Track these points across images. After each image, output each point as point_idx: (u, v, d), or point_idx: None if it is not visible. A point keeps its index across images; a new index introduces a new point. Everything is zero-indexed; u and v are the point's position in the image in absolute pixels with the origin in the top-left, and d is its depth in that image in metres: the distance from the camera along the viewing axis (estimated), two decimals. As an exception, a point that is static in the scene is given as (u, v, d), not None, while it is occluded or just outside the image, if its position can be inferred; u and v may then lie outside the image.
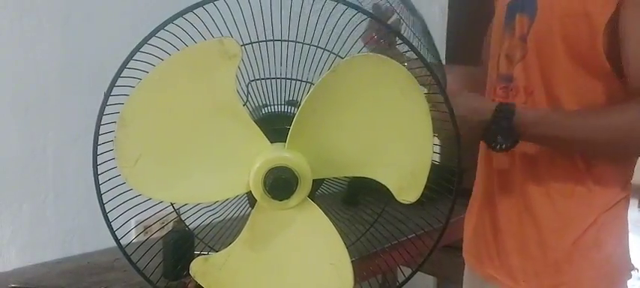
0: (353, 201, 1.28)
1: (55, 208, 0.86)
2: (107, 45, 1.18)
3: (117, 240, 0.78)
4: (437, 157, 0.70)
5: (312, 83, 0.78)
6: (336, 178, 0.79)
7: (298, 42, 0.76)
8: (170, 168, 0.69)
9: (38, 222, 1.02)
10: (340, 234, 0.76)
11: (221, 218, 0.80)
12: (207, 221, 0.82)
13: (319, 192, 0.79)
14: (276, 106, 0.79)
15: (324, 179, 0.76)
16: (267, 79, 0.77)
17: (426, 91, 0.71)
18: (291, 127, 0.66)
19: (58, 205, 1.03)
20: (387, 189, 0.70)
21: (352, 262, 0.76)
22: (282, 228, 0.74)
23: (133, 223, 0.83)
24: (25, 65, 1.02)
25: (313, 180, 0.70)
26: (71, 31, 1.08)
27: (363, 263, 0.85)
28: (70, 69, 1.17)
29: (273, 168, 0.66)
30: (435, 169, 0.68)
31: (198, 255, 0.78)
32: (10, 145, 0.99)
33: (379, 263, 0.90)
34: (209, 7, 0.72)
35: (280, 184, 0.66)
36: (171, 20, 0.71)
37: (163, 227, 0.82)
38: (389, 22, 0.92)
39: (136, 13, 1.25)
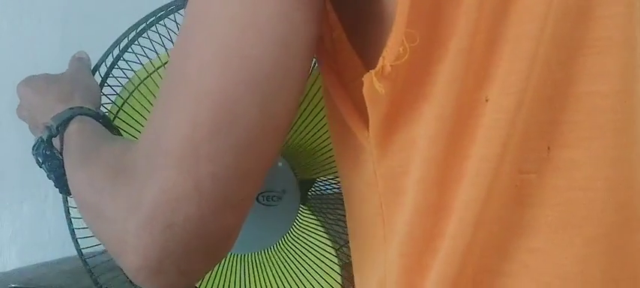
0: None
1: (55, 208, 0.86)
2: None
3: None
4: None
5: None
6: (336, 177, 0.79)
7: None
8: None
9: (38, 222, 1.03)
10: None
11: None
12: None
13: (318, 192, 0.79)
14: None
15: (315, 180, 0.76)
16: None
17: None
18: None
19: (58, 205, 1.03)
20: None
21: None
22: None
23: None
24: (25, 65, 1.02)
25: (302, 181, 0.70)
26: (71, 31, 1.08)
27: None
28: (70, 69, 1.17)
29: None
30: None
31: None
32: (9, 145, 1.00)
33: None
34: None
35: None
36: (161, 14, 0.71)
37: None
38: None
39: (136, 14, 1.25)
